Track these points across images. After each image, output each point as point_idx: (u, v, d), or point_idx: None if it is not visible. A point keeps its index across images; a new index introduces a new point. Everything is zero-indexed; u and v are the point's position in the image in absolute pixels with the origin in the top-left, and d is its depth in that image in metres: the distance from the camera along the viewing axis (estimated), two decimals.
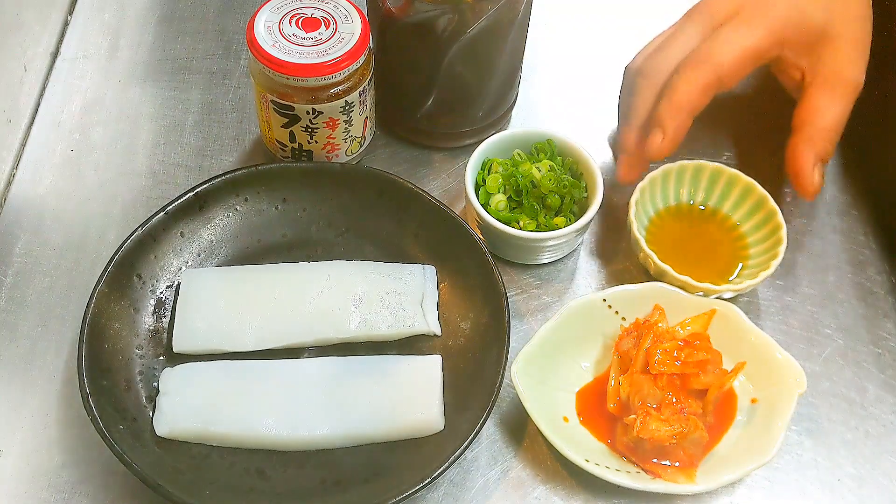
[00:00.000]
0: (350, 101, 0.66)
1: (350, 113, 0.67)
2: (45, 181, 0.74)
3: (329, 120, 0.67)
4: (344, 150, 0.71)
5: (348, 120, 0.68)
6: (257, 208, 0.68)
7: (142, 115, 0.79)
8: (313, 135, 0.68)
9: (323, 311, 0.64)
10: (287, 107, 0.66)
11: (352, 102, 0.67)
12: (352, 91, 0.66)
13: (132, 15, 0.86)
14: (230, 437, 0.59)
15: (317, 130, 0.68)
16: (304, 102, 0.65)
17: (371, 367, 0.62)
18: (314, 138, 0.69)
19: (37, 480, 0.60)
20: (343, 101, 0.66)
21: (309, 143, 0.69)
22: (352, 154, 0.72)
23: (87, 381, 0.58)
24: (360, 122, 0.69)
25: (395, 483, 0.56)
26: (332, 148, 0.70)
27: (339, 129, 0.68)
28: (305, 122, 0.67)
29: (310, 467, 0.59)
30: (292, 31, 0.64)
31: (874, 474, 0.61)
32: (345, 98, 0.66)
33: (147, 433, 0.59)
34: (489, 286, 0.63)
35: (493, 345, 0.61)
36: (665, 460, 0.58)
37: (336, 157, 0.71)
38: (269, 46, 0.63)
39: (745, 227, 0.69)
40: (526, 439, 0.62)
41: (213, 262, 0.67)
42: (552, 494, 0.60)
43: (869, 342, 0.67)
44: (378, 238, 0.68)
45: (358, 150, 0.72)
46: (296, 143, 0.69)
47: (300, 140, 0.69)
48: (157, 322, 0.64)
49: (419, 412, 0.60)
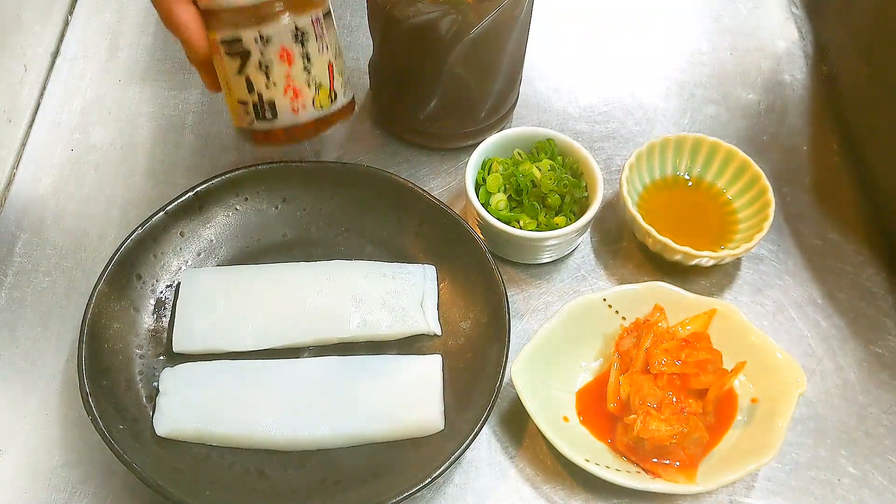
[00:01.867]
0: (301, 28, 0.61)
1: (305, 45, 0.62)
2: (45, 181, 0.74)
3: (282, 51, 0.62)
4: (311, 100, 0.64)
5: (305, 55, 0.62)
6: (257, 208, 0.68)
7: (141, 115, 0.79)
8: (269, 74, 0.62)
9: (323, 311, 0.64)
10: (235, 40, 0.61)
11: (304, 30, 0.62)
12: (300, 12, 0.61)
13: (132, 15, 0.86)
14: (230, 437, 0.59)
15: (272, 66, 0.62)
16: (250, 27, 0.60)
17: (371, 366, 0.62)
18: (271, 79, 0.62)
19: (37, 480, 0.60)
20: (293, 25, 0.61)
21: (268, 89, 0.63)
22: (322, 109, 0.64)
23: (87, 380, 0.57)
24: (321, 63, 0.64)
25: (396, 483, 0.56)
26: (294, 95, 0.63)
27: (297, 66, 0.62)
28: (257, 57, 0.62)
29: (310, 467, 0.59)
30: None
31: (874, 474, 0.61)
32: (294, 21, 0.61)
33: (147, 433, 0.59)
34: (489, 286, 0.63)
35: (494, 344, 0.61)
36: (665, 460, 0.58)
37: (304, 110, 0.64)
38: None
39: (731, 192, 0.71)
40: (526, 439, 0.62)
41: (213, 261, 0.67)
42: (552, 494, 0.60)
43: (869, 342, 0.67)
44: (378, 238, 0.68)
45: (330, 107, 0.64)
46: (255, 95, 0.63)
47: (258, 88, 0.63)
48: (157, 322, 0.64)
49: (419, 412, 0.60)
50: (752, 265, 0.71)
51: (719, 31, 0.87)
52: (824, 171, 0.77)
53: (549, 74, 0.82)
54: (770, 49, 0.86)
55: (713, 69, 0.84)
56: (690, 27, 0.88)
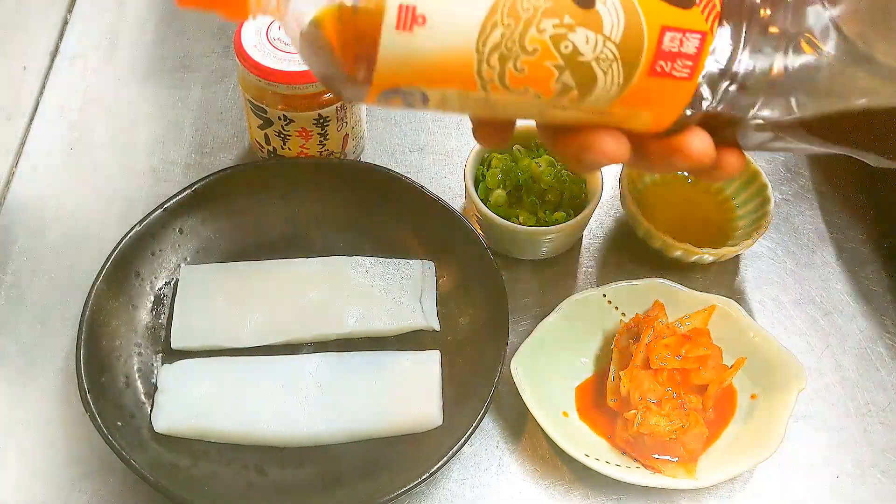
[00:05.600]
0: (325, 115, 0.66)
1: (325, 127, 0.67)
2: (44, 179, 0.74)
3: (302, 129, 0.67)
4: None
5: (323, 133, 0.68)
6: (255, 204, 0.68)
7: (141, 114, 0.79)
8: (286, 141, 0.68)
9: (321, 307, 0.64)
10: (261, 109, 0.66)
11: (327, 117, 0.66)
12: (327, 105, 0.65)
13: (131, 14, 0.86)
14: (229, 434, 0.59)
15: (289, 138, 0.68)
16: (276, 108, 0.65)
17: (370, 362, 0.62)
18: (287, 145, 0.69)
19: (36, 477, 0.60)
20: (317, 114, 0.66)
21: (282, 149, 0.69)
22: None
23: (86, 378, 0.57)
24: (337, 138, 0.69)
25: (394, 478, 0.56)
26: (306, 156, 0.70)
27: (314, 140, 0.68)
28: (278, 128, 0.67)
29: (308, 463, 0.59)
30: (278, 35, 0.64)
31: (873, 471, 0.61)
32: (318, 111, 0.65)
33: (145, 430, 0.59)
34: (488, 281, 0.63)
35: (493, 340, 0.61)
36: (665, 455, 0.58)
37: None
38: (250, 47, 0.63)
39: (730, 189, 0.71)
40: (525, 434, 0.62)
41: (212, 258, 0.67)
42: (552, 489, 0.60)
43: (868, 339, 0.67)
44: (377, 233, 0.68)
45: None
46: (270, 146, 0.70)
47: (274, 144, 0.69)
48: (156, 319, 0.64)
49: (418, 407, 0.60)
50: (752, 262, 0.71)
51: None
52: (824, 169, 0.77)
53: None
54: None
55: None
56: None
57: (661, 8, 0.33)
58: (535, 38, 0.33)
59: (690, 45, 0.34)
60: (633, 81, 0.34)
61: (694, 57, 0.34)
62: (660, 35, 0.34)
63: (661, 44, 0.34)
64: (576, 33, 0.33)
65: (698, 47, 0.34)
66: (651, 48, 0.34)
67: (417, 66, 0.33)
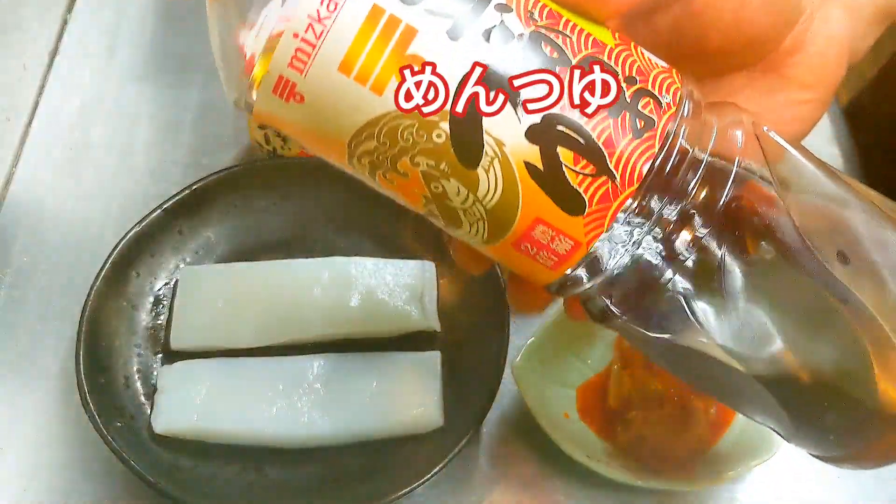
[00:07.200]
0: None
1: None
2: (43, 180, 0.74)
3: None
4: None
5: None
6: (255, 205, 0.68)
7: (140, 114, 0.78)
8: (286, 141, 0.68)
9: (321, 308, 0.64)
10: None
11: None
12: None
13: (131, 13, 0.86)
14: (228, 434, 0.59)
15: (287, 140, 0.68)
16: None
17: (370, 363, 0.62)
18: (287, 145, 0.68)
19: (35, 478, 0.59)
20: None
21: (282, 149, 0.69)
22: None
23: (85, 378, 0.57)
24: None
25: (394, 479, 0.55)
26: (306, 156, 0.70)
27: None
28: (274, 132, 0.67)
29: (309, 464, 0.59)
30: None
31: (873, 471, 0.61)
32: None
33: (145, 430, 0.59)
34: (489, 281, 0.62)
35: (494, 340, 0.60)
36: (666, 456, 0.58)
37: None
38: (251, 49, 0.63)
39: None
40: (526, 435, 0.61)
41: (211, 259, 0.67)
42: (553, 491, 0.59)
43: None
44: (377, 234, 0.68)
45: None
46: (270, 146, 0.69)
47: (275, 143, 0.69)
48: (155, 319, 0.64)
49: (418, 408, 0.60)
50: None
51: None
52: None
53: None
54: None
55: None
56: None
57: (542, 201, 0.31)
58: (408, 165, 0.31)
59: (561, 247, 0.32)
60: (497, 244, 0.33)
61: (562, 257, 0.33)
62: (532, 223, 0.32)
63: (532, 231, 0.32)
64: (449, 182, 0.31)
65: (568, 251, 0.32)
66: (519, 231, 0.32)
67: (289, 129, 0.33)
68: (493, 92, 0.30)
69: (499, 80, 0.30)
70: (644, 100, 0.32)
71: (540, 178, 0.31)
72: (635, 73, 0.32)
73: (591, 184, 0.31)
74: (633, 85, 0.32)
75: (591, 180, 0.31)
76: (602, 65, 0.31)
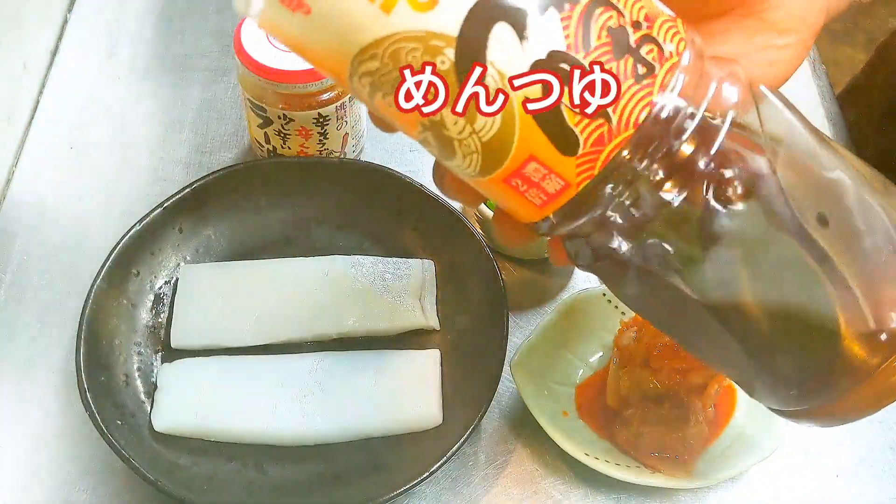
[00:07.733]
0: (325, 115, 0.66)
1: (325, 126, 0.67)
2: (44, 179, 0.74)
3: (301, 128, 0.67)
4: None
5: (323, 133, 0.67)
6: (255, 204, 0.68)
7: (141, 113, 0.79)
8: (286, 140, 0.68)
9: (321, 307, 0.64)
10: (260, 108, 0.66)
11: (327, 116, 0.66)
12: (327, 104, 0.65)
13: (131, 13, 0.86)
14: (228, 432, 0.59)
15: (289, 137, 0.68)
16: (275, 107, 0.65)
17: (369, 361, 0.62)
18: (287, 144, 0.68)
19: (36, 476, 0.60)
20: (316, 113, 0.66)
21: (282, 148, 0.69)
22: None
23: (86, 376, 0.57)
24: (337, 136, 0.69)
25: (394, 477, 0.55)
26: (305, 155, 0.70)
27: (313, 139, 0.68)
28: (278, 127, 0.67)
29: (308, 462, 0.59)
30: None
31: (872, 470, 0.61)
32: (318, 110, 0.65)
33: (145, 428, 0.59)
34: (488, 280, 0.63)
35: (493, 339, 0.61)
36: (665, 454, 0.58)
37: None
38: (250, 46, 0.63)
39: None
40: (525, 434, 0.61)
41: (211, 257, 0.67)
42: (551, 489, 0.60)
43: None
44: (376, 233, 0.68)
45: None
46: (270, 146, 0.69)
47: (274, 143, 0.69)
48: (156, 318, 0.64)
49: (418, 406, 0.60)
50: None
51: None
52: None
53: None
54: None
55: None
56: None
57: (538, 138, 0.31)
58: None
59: (551, 186, 0.32)
60: (488, 178, 0.33)
61: (551, 196, 0.33)
62: (525, 160, 0.32)
63: (524, 167, 0.32)
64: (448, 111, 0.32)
65: (557, 191, 0.33)
66: (512, 166, 0.32)
67: (292, 42, 0.32)
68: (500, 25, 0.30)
69: (511, 13, 0.30)
70: (648, 46, 0.32)
71: (538, 115, 0.31)
72: (643, 19, 0.32)
73: (588, 125, 0.31)
74: (639, 30, 0.32)
75: (588, 121, 0.31)
76: (610, 6, 0.31)
